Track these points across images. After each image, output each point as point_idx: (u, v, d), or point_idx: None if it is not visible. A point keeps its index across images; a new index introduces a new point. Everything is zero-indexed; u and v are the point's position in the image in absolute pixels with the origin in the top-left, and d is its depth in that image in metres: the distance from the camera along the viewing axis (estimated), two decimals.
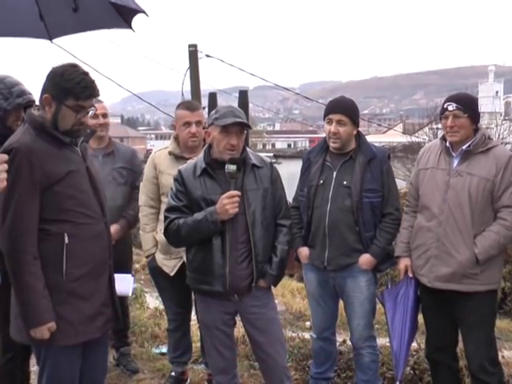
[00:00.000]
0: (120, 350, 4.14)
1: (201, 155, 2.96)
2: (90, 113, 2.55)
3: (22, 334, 2.48)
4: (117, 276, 2.78)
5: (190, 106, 3.58)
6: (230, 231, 2.82)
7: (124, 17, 2.59)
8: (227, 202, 2.75)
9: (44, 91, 2.46)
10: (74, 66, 2.47)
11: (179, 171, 2.94)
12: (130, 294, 4.16)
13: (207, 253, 2.84)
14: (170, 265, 3.59)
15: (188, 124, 3.49)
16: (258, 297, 2.94)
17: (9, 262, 2.38)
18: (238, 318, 3.14)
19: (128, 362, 4.11)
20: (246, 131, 2.92)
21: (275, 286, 3.04)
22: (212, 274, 2.84)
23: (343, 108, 3.28)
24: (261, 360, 3.10)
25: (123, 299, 3.78)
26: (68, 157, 2.50)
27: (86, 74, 2.47)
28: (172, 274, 3.58)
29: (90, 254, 2.51)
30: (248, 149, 2.98)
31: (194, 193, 2.86)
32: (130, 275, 3.62)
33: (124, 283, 3.39)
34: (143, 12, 2.57)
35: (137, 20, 2.63)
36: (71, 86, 2.40)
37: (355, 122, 3.30)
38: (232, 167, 2.77)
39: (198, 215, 2.81)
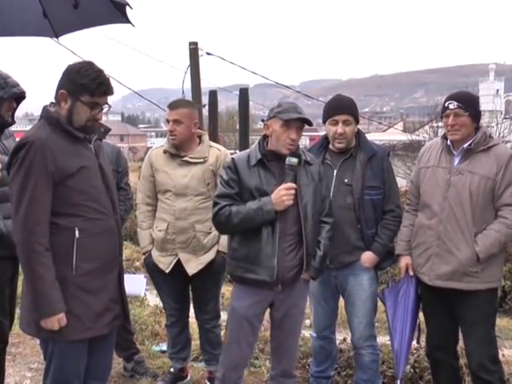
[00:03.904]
0: (134, 359, 4.04)
1: (254, 146, 3.01)
2: (105, 110, 2.59)
3: (31, 327, 2.51)
4: (129, 276, 2.79)
5: (172, 104, 3.62)
6: (280, 222, 2.86)
7: (121, 11, 2.61)
8: (285, 193, 2.79)
9: (60, 87, 2.51)
10: (89, 64, 2.53)
11: (233, 159, 2.98)
12: (142, 295, 4.14)
13: (256, 242, 2.86)
14: (165, 262, 3.61)
15: (168, 122, 3.57)
16: (299, 288, 3.01)
17: (21, 251, 2.41)
18: None
19: (146, 370, 4.02)
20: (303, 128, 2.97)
21: (315, 279, 3.10)
22: (260, 263, 2.86)
23: (348, 108, 3.29)
24: (277, 345, 3.12)
25: None
26: (81, 152, 2.54)
27: (102, 71, 2.53)
28: (167, 271, 3.60)
29: (99, 250, 2.53)
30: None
31: (247, 182, 2.89)
32: (142, 276, 3.62)
33: (136, 284, 3.39)
34: (127, 4, 2.62)
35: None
36: (87, 82, 2.45)
37: (357, 119, 3.33)
38: (294, 160, 2.84)
39: (252, 204, 2.84)
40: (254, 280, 2.90)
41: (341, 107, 3.29)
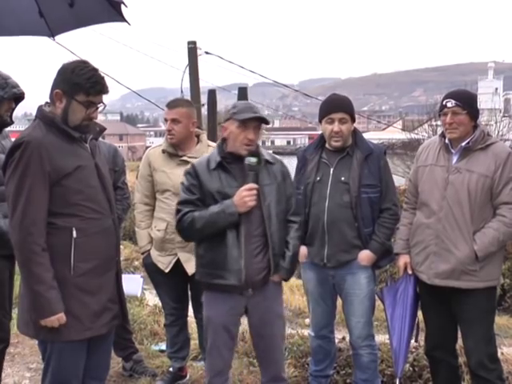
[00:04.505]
0: (133, 358, 4.03)
1: (213, 150, 2.99)
2: (100, 108, 2.58)
3: (29, 328, 2.51)
4: (126, 276, 2.78)
5: (170, 103, 3.62)
6: (244, 224, 2.83)
7: (117, 10, 2.62)
8: (246, 194, 2.77)
9: (55, 86, 2.50)
10: (84, 62, 2.53)
11: (192, 165, 2.96)
12: (139, 295, 4.14)
13: (221, 247, 2.83)
14: (164, 261, 3.61)
15: (166, 121, 3.57)
16: (270, 290, 2.96)
17: (18, 252, 2.41)
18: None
19: (145, 369, 4.01)
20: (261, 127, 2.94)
21: (287, 280, 3.06)
22: (227, 267, 2.83)
23: (344, 106, 3.29)
24: (261, 353, 3.10)
25: None
26: (77, 152, 2.53)
27: (96, 70, 2.52)
28: (167, 271, 3.60)
29: (97, 249, 2.53)
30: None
31: (208, 186, 2.86)
32: (139, 276, 3.62)
33: (133, 284, 3.38)
34: (122, 2, 2.62)
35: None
36: (82, 81, 2.45)
37: (354, 118, 3.32)
38: (253, 159, 2.82)
39: (214, 208, 2.81)
40: (222, 285, 2.85)
41: (336, 105, 3.29)
